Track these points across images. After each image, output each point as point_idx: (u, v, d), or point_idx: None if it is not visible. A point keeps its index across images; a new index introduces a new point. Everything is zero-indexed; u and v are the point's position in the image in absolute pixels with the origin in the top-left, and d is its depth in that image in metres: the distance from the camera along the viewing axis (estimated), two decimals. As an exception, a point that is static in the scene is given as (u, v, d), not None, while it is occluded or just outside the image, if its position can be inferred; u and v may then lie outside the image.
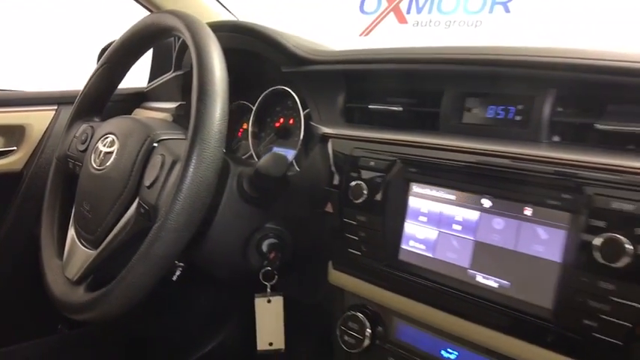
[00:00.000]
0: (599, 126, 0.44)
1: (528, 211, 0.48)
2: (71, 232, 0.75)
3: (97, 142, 0.74)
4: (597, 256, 0.40)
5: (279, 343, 0.75)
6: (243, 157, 0.99)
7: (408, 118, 0.60)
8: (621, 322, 0.40)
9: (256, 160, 0.94)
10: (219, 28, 0.72)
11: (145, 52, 0.80)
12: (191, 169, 0.54)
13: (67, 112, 0.90)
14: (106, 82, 0.84)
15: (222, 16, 1.21)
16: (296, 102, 0.80)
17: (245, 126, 1.01)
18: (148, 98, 1.20)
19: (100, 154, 0.72)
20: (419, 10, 2.09)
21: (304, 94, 0.75)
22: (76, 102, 0.85)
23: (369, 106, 0.64)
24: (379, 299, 0.60)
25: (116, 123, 0.75)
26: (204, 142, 0.55)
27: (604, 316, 0.40)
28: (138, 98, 1.21)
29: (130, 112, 1.17)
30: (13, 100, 1.07)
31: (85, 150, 0.78)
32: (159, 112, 1.12)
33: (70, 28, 2.20)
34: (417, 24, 2.09)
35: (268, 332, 0.75)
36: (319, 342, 0.68)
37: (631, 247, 0.39)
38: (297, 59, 0.70)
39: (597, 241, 0.41)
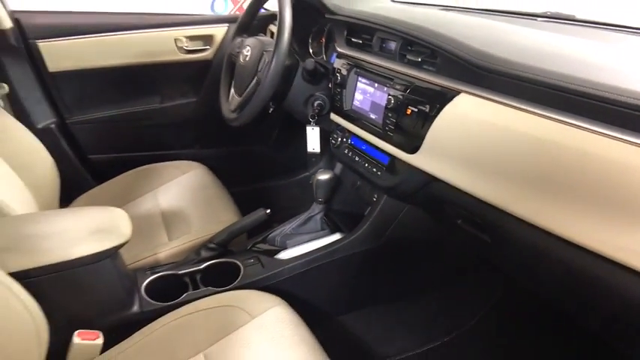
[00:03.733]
0: (408, 56, 1.13)
1: (386, 89, 1.21)
2: (232, 90, 1.66)
3: (242, 49, 1.61)
4: (388, 105, 1.14)
5: (317, 149, 1.60)
6: (319, 57, 1.79)
7: (366, 46, 1.33)
8: (393, 127, 1.14)
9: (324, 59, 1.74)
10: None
11: None
12: (272, 65, 1.36)
13: (233, 28, 1.79)
14: (252, 12, 1.69)
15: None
16: None
17: (322, 39, 1.79)
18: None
19: (243, 55, 1.58)
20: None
21: (333, 29, 1.50)
22: (236, 26, 1.72)
23: (352, 39, 1.37)
24: (345, 125, 1.39)
25: (250, 41, 1.59)
26: (278, 54, 1.35)
27: (390, 126, 1.15)
28: (273, 17, 2.04)
29: (266, 27, 2.02)
30: (207, 20, 1.98)
31: (238, 52, 1.65)
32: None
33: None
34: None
35: (312, 143, 1.60)
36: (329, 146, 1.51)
37: (394, 102, 1.12)
38: (329, 10, 1.44)
39: (388, 100, 1.14)
